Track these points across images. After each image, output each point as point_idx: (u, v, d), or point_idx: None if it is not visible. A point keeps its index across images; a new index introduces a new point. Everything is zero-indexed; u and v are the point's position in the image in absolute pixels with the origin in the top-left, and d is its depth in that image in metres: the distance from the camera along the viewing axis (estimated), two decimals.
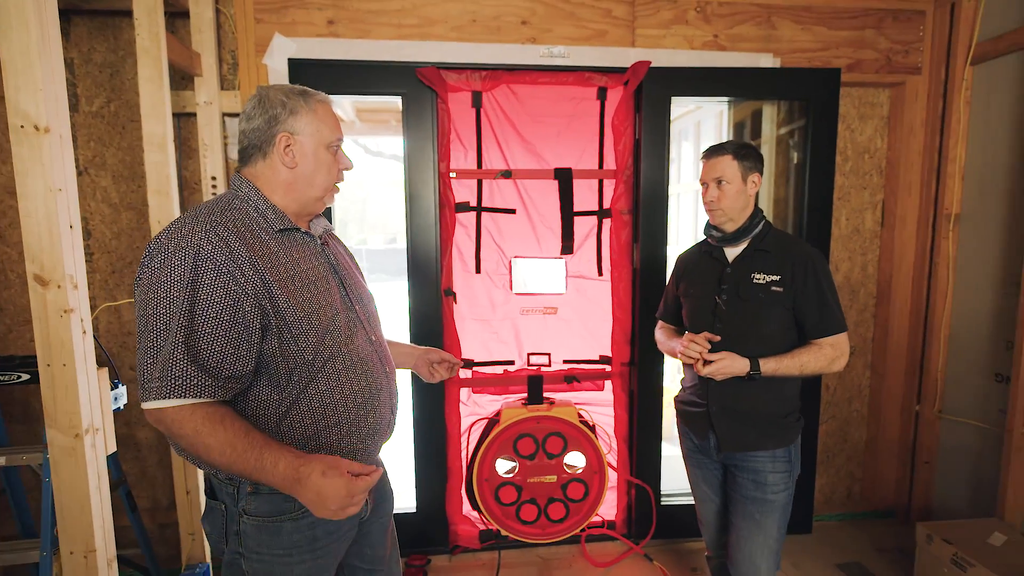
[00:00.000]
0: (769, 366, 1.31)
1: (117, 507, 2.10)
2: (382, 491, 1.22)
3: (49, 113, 1.17)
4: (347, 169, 1.11)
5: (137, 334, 0.89)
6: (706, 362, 1.31)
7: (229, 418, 0.89)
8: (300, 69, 1.99)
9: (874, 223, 2.45)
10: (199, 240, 0.89)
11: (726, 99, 2.42)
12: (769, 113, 2.48)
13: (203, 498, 1.41)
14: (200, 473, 1.94)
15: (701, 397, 1.44)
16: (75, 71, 2.02)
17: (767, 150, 2.51)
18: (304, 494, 0.88)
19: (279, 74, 1.99)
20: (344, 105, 3.96)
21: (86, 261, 2.09)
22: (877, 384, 2.51)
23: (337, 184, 1.10)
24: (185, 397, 0.86)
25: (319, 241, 1.09)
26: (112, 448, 1.39)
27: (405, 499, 2.33)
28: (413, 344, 1.49)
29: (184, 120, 2.08)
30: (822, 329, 1.34)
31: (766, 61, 2.18)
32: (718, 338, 1.35)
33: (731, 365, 1.30)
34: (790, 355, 1.33)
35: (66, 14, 1.98)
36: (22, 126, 1.16)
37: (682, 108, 4.18)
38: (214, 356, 0.89)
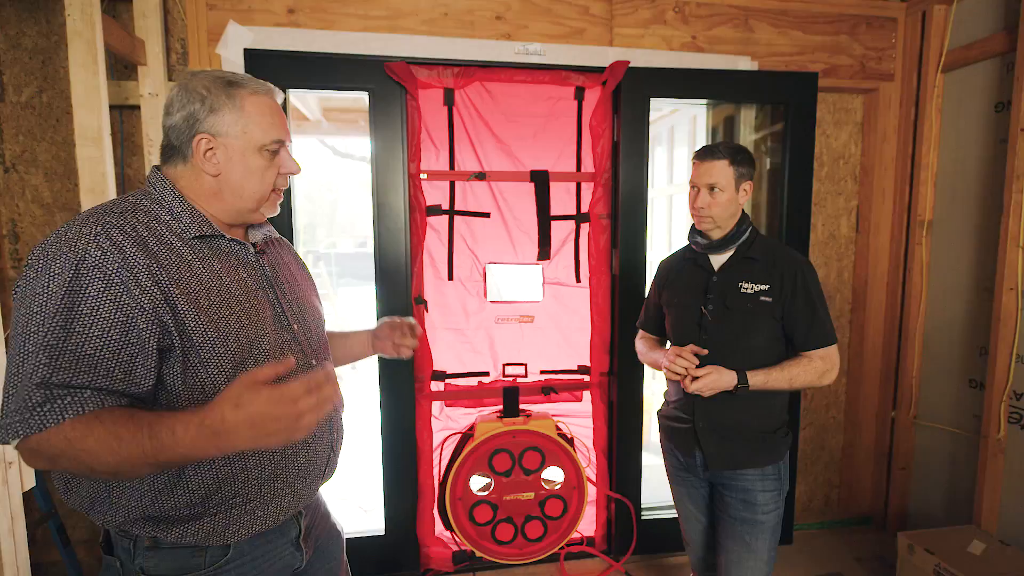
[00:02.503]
0: (757, 379, 1.24)
1: (47, 541, 1.90)
2: (326, 532, 1.08)
3: None
4: (292, 174, 0.94)
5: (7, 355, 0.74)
6: (693, 378, 1.23)
7: (104, 412, 0.73)
8: (257, 61, 1.84)
9: (849, 229, 2.45)
10: (85, 244, 0.74)
11: (704, 101, 2.38)
12: (746, 117, 2.45)
13: None
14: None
15: (687, 412, 1.36)
16: (1, 57, 1.83)
17: None
18: (237, 440, 0.69)
19: (234, 65, 1.84)
20: (310, 103, 3.79)
21: (12, 268, 1.89)
22: (854, 390, 2.50)
23: (279, 189, 0.94)
24: (46, 427, 0.71)
25: (252, 250, 0.94)
26: (30, 483, 1.22)
27: (373, 521, 2.19)
28: (363, 329, 1.28)
29: (127, 113, 1.91)
30: (812, 341, 1.28)
31: (744, 64, 2.15)
32: (705, 351, 1.27)
33: (719, 380, 1.22)
34: (779, 368, 1.26)
35: None
36: None
37: (655, 113, 4.15)
38: (100, 380, 0.74)
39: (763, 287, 1.28)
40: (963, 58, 2.08)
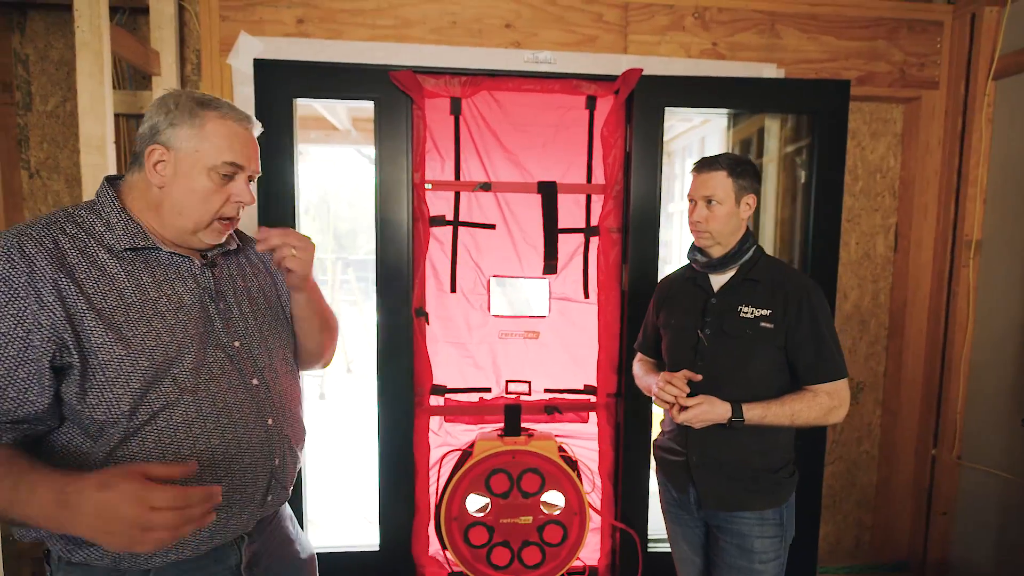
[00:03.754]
0: (754, 413, 1.12)
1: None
2: (286, 559, 1.03)
3: None
4: (243, 204, 0.91)
5: None
6: (683, 407, 1.13)
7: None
8: (266, 70, 1.86)
9: (886, 248, 2.26)
10: None
11: (725, 111, 2.26)
12: (773, 128, 2.31)
13: None
14: None
15: (680, 445, 1.25)
16: (30, 68, 1.91)
17: (773, 168, 2.34)
18: (78, 522, 0.66)
19: (244, 75, 1.87)
20: (339, 113, 3.86)
21: None
22: (889, 423, 2.30)
23: (227, 218, 0.90)
24: None
25: (197, 263, 0.90)
26: None
27: (368, 536, 2.15)
28: None
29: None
30: (818, 374, 1.15)
31: (769, 71, 2.02)
32: (699, 377, 1.17)
33: (709, 411, 1.12)
34: (779, 402, 1.14)
35: (22, 7, 1.88)
36: None
37: (686, 123, 4.03)
38: None
39: (764, 312, 1.17)
40: (1016, 64, 1.89)
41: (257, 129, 0.92)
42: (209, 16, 1.85)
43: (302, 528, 1.99)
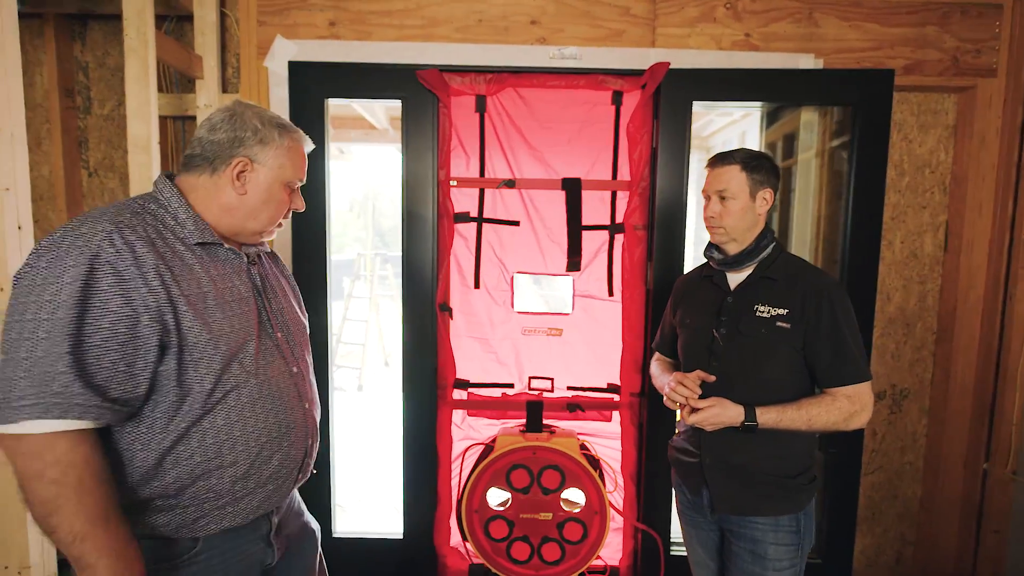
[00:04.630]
0: (768, 417, 1.08)
1: None
2: (299, 529, 1.10)
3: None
4: (298, 211, 1.05)
5: (3, 344, 0.77)
6: (693, 409, 1.10)
7: (113, 481, 0.80)
8: (299, 71, 1.93)
9: (935, 247, 2.13)
10: (100, 241, 0.79)
11: (757, 104, 2.18)
12: (815, 122, 2.21)
13: None
14: None
15: (694, 446, 1.22)
16: (90, 75, 2.06)
17: (815, 163, 2.24)
18: None
19: (279, 77, 1.95)
20: (377, 113, 3.96)
21: None
22: (936, 434, 2.17)
23: (280, 222, 1.04)
24: (68, 417, 0.74)
25: (245, 259, 1.00)
26: None
27: (392, 524, 2.21)
28: None
29: (188, 123, 2.08)
30: (837, 376, 1.11)
31: (806, 62, 1.94)
32: (712, 378, 1.14)
33: (721, 414, 1.09)
34: (795, 405, 1.10)
35: (83, 19, 2.03)
36: None
37: (726, 118, 3.91)
38: (103, 372, 0.78)
39: (781, 311, 1.13)
40: None
41: (309, 146, 1.06)
42: (248, 21, 1.94)
43: (329, 513, 2.07)
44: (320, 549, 1.17)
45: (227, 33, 2.02)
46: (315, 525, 1.16)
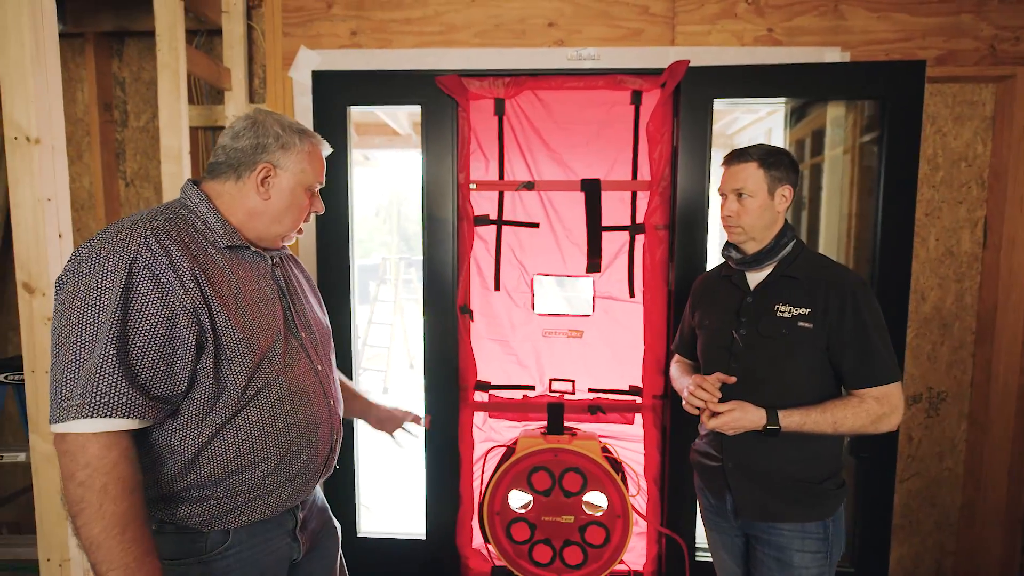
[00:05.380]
0: (792, 420, 1.06)
1: None
2: (323, 526, 1.12)
3: (41, 125, 1.20)
4: (318, 213, 1.08)
5: (52, 347, 0.82)
6: (713, 413, 1.08)
7: (140, 490, 0.82)
8: (322, 80, 1.98)
9: (973, 244, 2.04)
10: (136, 246, 0.83)
11: (781, 100, 2.13)
12: (843, 117, 2.15)
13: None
14: None
15: (716, 450, 1.20)
16: (126, 89, 2.15)
17: (843, 160, 2.18)
18: None
19: (303, 86, 2.00)
20: (400, 119, 4.02)
21: None
22: (977, 438, 2.07)
23: (302, 227, 1.07)
24: (113, 416, 0.78)
25: (270, 262, 1.03)
26: None
27: (415, 524, 2.23)
28: (362, 394, 1.42)
29: (217, 134, 2.15)
30: (864, 378, 1.07)
31: (832, 56, 1.89)
32: (732, 380, 1.11)
33: (742, 418, 1.06)
34: (820, 408, 1.07)
35: (120, 36, 2.12)
36: (15, 137, 1.19)
37: (752, 115, 3.83)
38: (145, 372, 0.81)
39: (802, 311, 1.10)
40: None
41: (327, 150, 1.09)
42: (273, 33, 2.00)
43: (354, 513, 2.11)
44: (340, 547, 1.19)
45: (253, 45, 2.09)
46: (336, 523, 1.18)
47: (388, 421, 1.41)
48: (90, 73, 2.09)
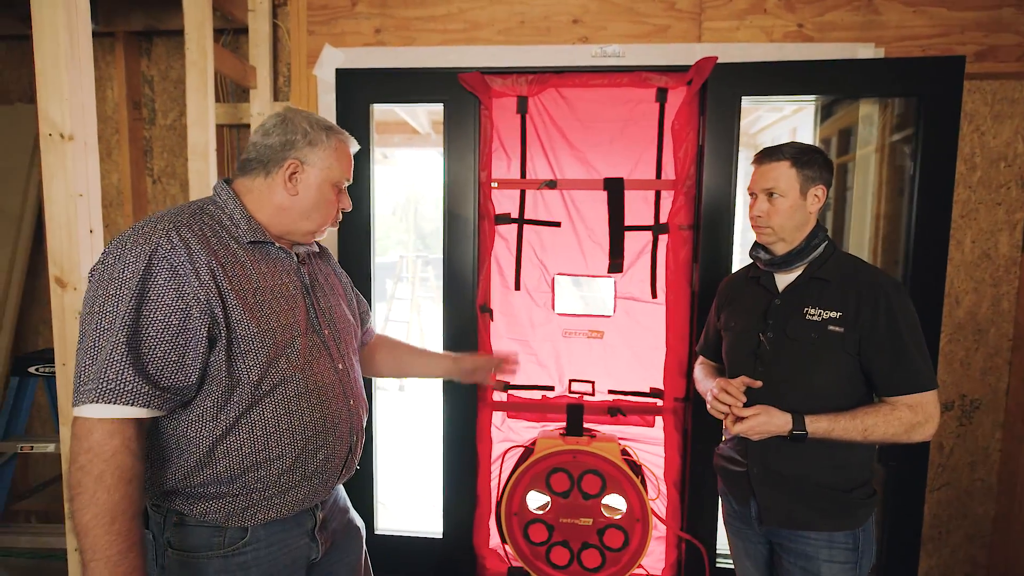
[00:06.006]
0: (819, 426, 1.02)
1: None
2: (344, 526, 1.12)
3: (74, 122, 1.22)
4: (346, 210, 1.08)
5: (79, 336, 0.84)
6: (738, 418, 1.05)
7: (137, 483, 0.81)
8: (346, 78, 1.99)
9: (1011, 247, 1.97)
10: (158, 239, 0.85)
11: (811, 98, 2.08)
12: (875, 115, 2.09)
13: None
14: None
15: (741, 455, 1.17)
16: (154, 87, 2.19)
17: (875, 159, 2.12)
18: None
19: (327, 84, 2.01)
20: (420, 117, 4.03)
21: None
22: (1013, 449, 2.00)
23: (334, 221, 1.07)
24: (119, 403, 0.79)
25: (296, 259, 1.04)
26: None
27: (432, 523, 2.23)
28: (445, 352, 1.43)
29: (243, 131, 2.17)
30: (897, 385, 1.03)
31: (866, 52, 1.84)
32: (758, 384, 1.08)
33: (768, 423, 1.03)
34: (850, 415, 1.03)
35: (148, 36, 2.15)
36: (49, 134, 1.21)
37: (776, 113, 3.76)
38: (156, 362, 0.83)
39: (833, 314, 1.06)
40: None
41: (354, 147, 1.08)
42: (298, 32, 2.01)
43: (372, 511, 2.12)
44: (365, 547, 1.19)
45: (279, 44, 2.10)
46: (360, 522, 1.18)
47: (478, 371, 1.37)
48: (119, 72, 2.12)
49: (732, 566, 1.98)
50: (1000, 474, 2.03)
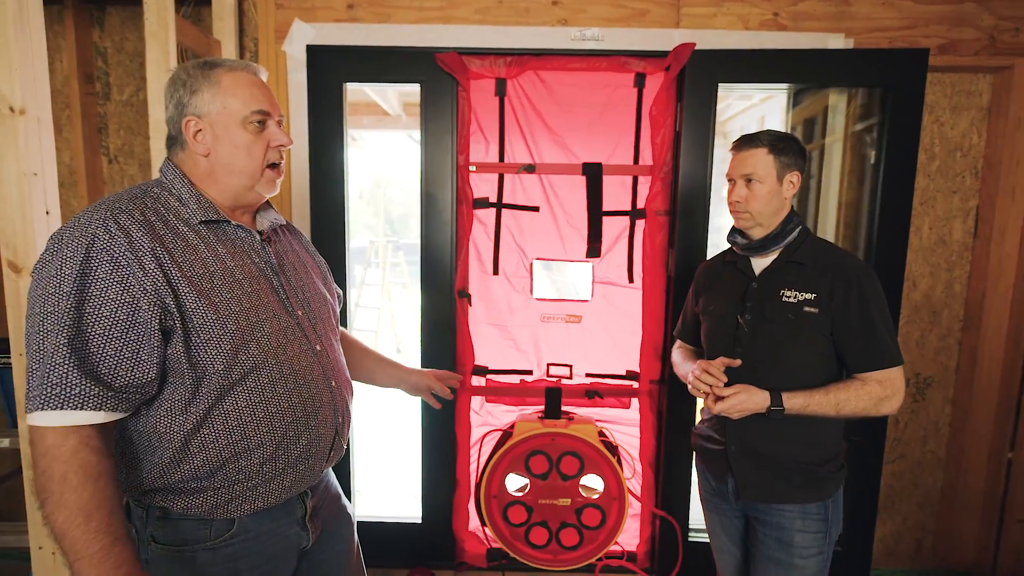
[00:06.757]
0: (795, 402, 1.07)
1: None
2: (335, 514, 1.10)
3: (26, 95, 1.14)
4: (283, 146, 0.95)
5: (25, 335, 0.79)
6: (718, 397, 1.09)
7: (107, 478, 0.77)
8: (317, 56, 1.91)
9: (964, 233, 2.08)
10: (95, 229, 0.79)
11: (783, 87, 2.13)
12: (840, 105, 2.16)
13: None
14: None
15: (719, 433, 1.22)
16: (108, 60, 2.06)
17: (839, 148, 2.19)
18: None
19: (297, 61, 1.93)
20: (390, 98, 3.93)
21: None
22: (959, 422, 2.14)
23: (275, 166, 0.95)
24: (66, 408, 0.74)
25: (258, 237, 0.97)
26: None
27: (411, 508, 2.24)
28: (406, 366, 1.39)
29: None
30: (868, 362, 1.09)
31: (836, 42, 1.88)
32: (737, 362, 1.12)
33: (747, 401, 1.07)
34: (824, 390, 1.08)
35: (100, 4, 2.02)
36: None
37: (745, 101, 3.84)
38: (107, 361, 0.77)
39: (808, 296, 1.11)
40: None
41: (263, 74, 0.96)
42: (266, 5, 1.92)
43: (349, 498, 2.10)
44: (356, 534, 1.17)
45: (245, 17, 2.00)
46: (351, 510, 1.16)
47: (428, 390, 1.36)
48: (69, 42, 1.98)
49: (704, 540, 2.06)
50: (949, 446, 2.17)
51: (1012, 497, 2.00)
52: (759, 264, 1.20)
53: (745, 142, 1.16)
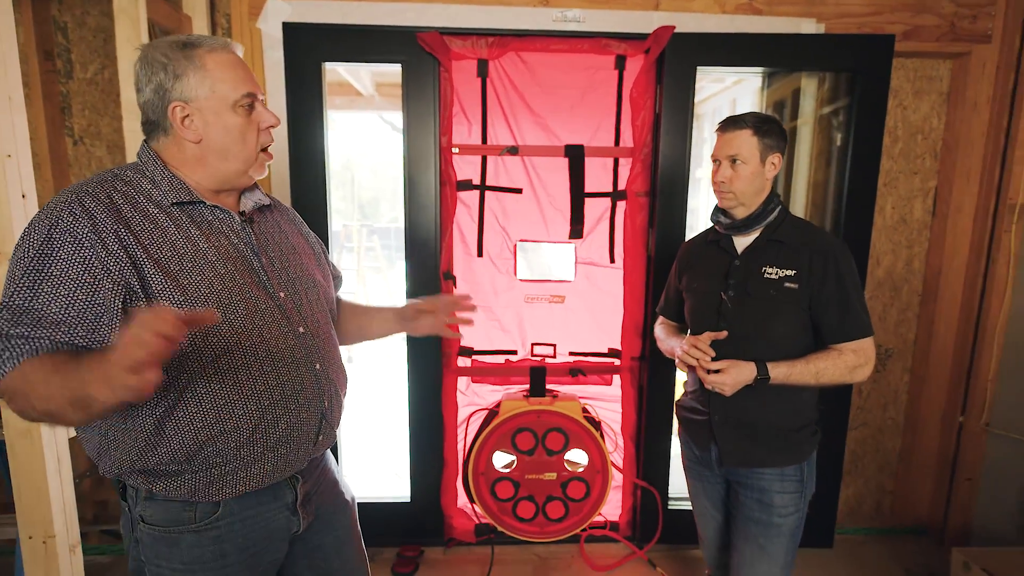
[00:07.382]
0: (779, 372, 1.14)
1: (105, 483, 2.11)
2: (331, 500, 1.09)
3: None
4: (272, 126, 0.94)
5: None
6: (710, 372, 1.15)
7: (58, 354, 0.76)
8: (295, 34, 1.87)
9: (924, 212, 2.19)
10: (60, 211, 0.79)
11: (759, 70, 2.19)
12: (810, 89, 2.23)
13: None
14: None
15: (703, 404, 1.28)
16: (69, 36, 1.96)
17: (808, 130, 2.27)
18: (96, 380, 0.68)
19: (273, 39, 1.88)
20: (363, 78, 3.84)
21: None
22: (916, 390, 2.28)
23: (266, 149, 0.94)
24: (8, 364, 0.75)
25: (237, 218, 0.95)
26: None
27: (398, 489, 2.27)
28: (387, 307, 1.25)
29: None
30: (843, 333, 1.16)
31: (808, 27, 1.94)
32: (724, 334, 1.19)
33: (739, 375, 1.14)
34: (804, 360, 1.16)
35: None
36: None
37: (718, 84, 3.90)
38: (59, 336, 0.77)
39: (788, 272, 1.17)
40: None
41: (240, 50, 0.94)
42: None
43: None
44: (357, 521, 1.17)
45: None
46: (350, 495, 1.15)
47: (422, 317, 1.18)
48: (26, 17, 1.88)
49: (682, 507, 2.16)
50: (907, 413, 2.32)
51: (962, 458, 2.16)
52: (741, 243, 1.26)
53: (731, 124, 1.20)
